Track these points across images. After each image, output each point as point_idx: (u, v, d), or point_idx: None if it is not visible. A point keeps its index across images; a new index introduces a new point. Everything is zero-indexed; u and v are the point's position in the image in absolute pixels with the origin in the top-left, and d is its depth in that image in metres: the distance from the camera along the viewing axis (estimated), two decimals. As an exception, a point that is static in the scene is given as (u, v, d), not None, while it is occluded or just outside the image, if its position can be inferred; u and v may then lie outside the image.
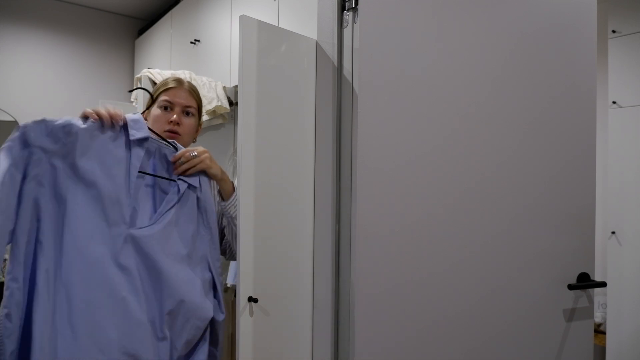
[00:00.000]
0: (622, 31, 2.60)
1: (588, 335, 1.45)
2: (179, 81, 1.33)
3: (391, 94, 1.17)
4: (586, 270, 1.41)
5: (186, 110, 1.30)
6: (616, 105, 2.63)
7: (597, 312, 2.66)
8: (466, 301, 1.26)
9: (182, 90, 1.30)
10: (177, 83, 1.31)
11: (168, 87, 1.30)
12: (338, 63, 1.22)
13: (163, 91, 1.30)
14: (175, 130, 1.27)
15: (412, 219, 1.19)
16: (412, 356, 1.19)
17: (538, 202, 1.37)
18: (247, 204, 1.13)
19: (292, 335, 1.24)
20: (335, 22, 1.21)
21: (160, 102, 1.29)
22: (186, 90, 1.31)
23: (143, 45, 3.61)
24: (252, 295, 1.13)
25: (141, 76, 2.08)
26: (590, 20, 1.45)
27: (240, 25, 1.13)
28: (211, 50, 2.56)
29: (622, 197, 2.58)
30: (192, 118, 1.32)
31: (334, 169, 1.22)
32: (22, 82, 3.31)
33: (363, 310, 1.13)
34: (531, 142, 1.36)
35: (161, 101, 1.29)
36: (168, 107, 1.28)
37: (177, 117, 1.27)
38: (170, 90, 1.30)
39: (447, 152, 1.24)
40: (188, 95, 1.31)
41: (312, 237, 1.27)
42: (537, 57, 1.37)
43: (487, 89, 1.30)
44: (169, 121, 1.27)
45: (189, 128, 1.31)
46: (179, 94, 1.30)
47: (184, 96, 1.30)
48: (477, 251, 1.28)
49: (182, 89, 1.31)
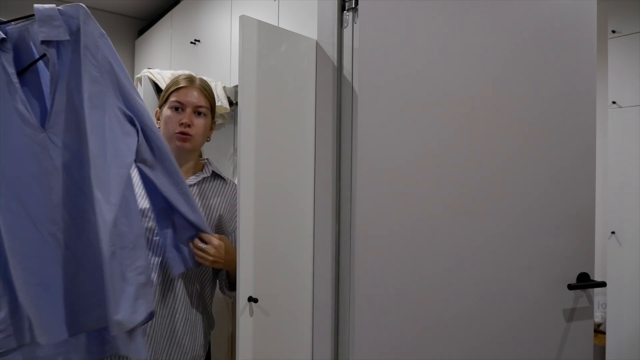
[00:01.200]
0: (622, 31, 2.60)
1: (588, 335, 1.45)
2: (190, 80, 1.29)
3: (391, 94, 1.17)
4: (586, 270, 1.42)
5: (198, 111, 1.27)
6: (616, 105, 2.63)
7: (597, 312, 2.66)
8: (466, 301, 1.26)
9: (193, 90, 1.27)
10: (188, 82, 1.28)
11: (179, 87, 1.27)
12: (338, 63, 1.22)
13: (174, 91, 1.27)
14: (187, 132, 1.24)
15: (412, 219, 1.19)
16: (412, 356, 1.19)
17: (538, 202, 1.37)
18: (247, 204, 1.13)
19: (292, 335, 1.25)
20: (335, 22, 1.21)
21: (171, 103, 1.26)
22: (197, 89, 1.28)
23: (143, 45, 3.61)
24: (252, 295, 1.13)
25: (141, 76, 2.08)
26: (590, 20, 1.45)
27: (240, 25, 1.13)
28: (211, 50, 2.56)
29: (622, 197, 2.58)
30: (205, 118, 1.28)
31: (334, 168, 1.22)
32: (22, 82, 3.30)
33: (363, 310, 1.13)
34: (531, 142, 1.36)
35: (172, 102, 1.26)
36: (179, 107, 1.25)
37: (188, 119, 1.24)
38: (181, 89, 1.26)
39: (447, 152, 1.24)
40: (199, 95, 1.27)
41: (312, 237, 1.27)
42: (536, 57, 1.37)
43: (487, 89, 1.30)
44: (180, 123, 1.24)
45: (201, 128, 1.27)
46: (190, 93, 1.26)
47: (195, 96, 1.27)
48: (477, 251, 1.28)
49: (193, 88, 1.27)
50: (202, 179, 1.31)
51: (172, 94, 1.27)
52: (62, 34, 0.98)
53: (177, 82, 1.28)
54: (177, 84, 1.28)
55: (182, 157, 1.28)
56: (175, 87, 1.27)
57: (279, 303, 1.21)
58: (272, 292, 1.19)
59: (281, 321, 1.22)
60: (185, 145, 1.25)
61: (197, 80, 1.30)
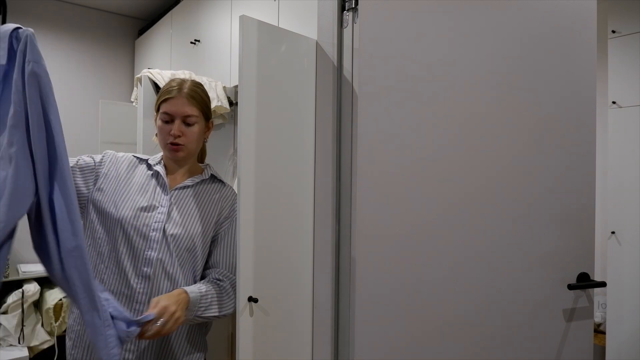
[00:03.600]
0: (622, 31, 2.60)
1: (588, 335, 1.45)
2: (179, 88, 1.27)
3: (391, 94, 1.17)
4: (586, 270, 1.42)
5: (187, 121, 1.26)
6: (616, 105, 2.63)
7: (597, 312, 2.66)
8: (466, 300, 1.26)
9: (180, 99, 1.26)
10: (176, 92, 1.26)
11: (166, 98, 1.26)
12: (338, 63, 1.22)
13: (163, 102, 1.27)
14: (177, 142, 1.25)
15: (412, 219, 1.19)
16: (412, 356, 1.19)
17: (538, 202, 1.37)
18: (247, 204, 1.13)
19: (292, 335, 1.25)
20: (335, 22, 1.21)
21: (161, 115, 1.27)
22: (184, 98, 1.26)
23: (143, 45, 3.61)
24: (252, 295, 1.13)
25: (141, 76, 2.08)
26: (590, 21, 1.46)
27: (240, 25, 1.13)
28: (211, 51, 2.56)
29: (622, 197, 2.58)
30: (196, 125, 1.28)
31: (334, 168, 1.22)
32: (22, 82, 3.31)
33: (363, 311, 1.13)
34: (531, 142, 1.36)
35: (161, 114, 1.27)
36: (168, 120, 1.26)
37: (176, 130, 1.24)
38: (169, 101, 1.26)
39: (446, 152, 1.24)
40: (188, 104, 1.26)
41: (312, 237, 1.27)
42: (536, 57, 1.37)
43: (487, 89, 1.30)
44: (170, 134, 1.25)
45: (191, 137, 1.27)
46: (177, 103, 1.25)
47: (183, 105, 1.25)
48: (477, 250, 1.28)
49: (180, 98, 1.26)
50: (200, 180, 1.31)
51: (161, 105, 1.28)
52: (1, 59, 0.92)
53: (166, 92, 1.28)
54: (167, 93, 1.27)
55: (176, 163, 1.30)
56: (164, 97, 1.27)
57: (279, 303, 1.21)
58: (272, 292, 1.19)
59: (281, 321, 1.22)
60: (177, 155, 1.27)
61: (186, 87, 1.28)
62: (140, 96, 2.09)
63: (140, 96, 2.09)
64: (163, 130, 1.27)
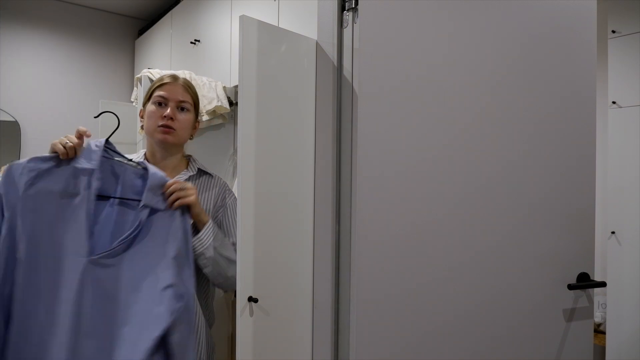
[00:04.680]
0: (622, 31, 2.60)
1: (588, 335, 1.45)
2: (173, 77, 1.32)
3: (391, 94, 1.17)
4: (586, 270, 1.42)
5: (181, 106, 1.28)
6: (616, 105, 2.63)
7: (597, 312, 2.66)
8: (466, 301, 1.26)
9: (176, 86, 1.29)
10: (171, 79, 1.30)
11: (162, 83, 1.29)
12: (338, 63, 1.22)
13: (157, 87, 1.29)
14: (169, 125, 1.25)
15: (412, 219, 1.19)
16: (412, 356, 1.19)
17: (538, 203, 1.37)
18: (247, 203, 1.13)
19: (292, 335, 1.24)
20: (335, 22, 1.21)
21: (155, 98, 1.28)
22: (181, 85, 1.30)
23: (143, 45, 3.61)
24: (252, 295, 1.13)
25: (141, 76, 2.08)
26: (590, 21, 1.46)
27: (240, 25, 1.13)
28: (211, 50, 2.56)
29: (622, 197, 2.58)
30: (188, 113, 1.30)
31: (334, 168, 1.22)
32: (22, 82, 3.31)
33: (363, 311, 1.13)
34: (531, 142, 1.36)
35: (155, 97, 1.28)
36: (162, 102, 1.27)
37: (171, 112, 1.26)
38: (164, 85, 1.28)
39: (447, 152, 1.24)
40: (183, 91, 1.29)
41: (312, 237, 1.27)
42: (536, 57, 1.37)
43: (487, 89, 1.30)
44: (162, 116, 1.25)
45: (184, 123, 1.28)
46: (173, 89, 1.28)
47: (178, 91, 1.28)
48: (478, 251, 1.28)
49: (176, 85, 1.29)
50: (188, 177, 1.31)
51: (156, 90, 1.29)
52: (159, 204, 1.11)
53: (161, 79, 1.31)
54: (161, 80, 1.31)
55: (164, 151, 1.29)
56: (159, 83, 1.30)
57: (279, 303, 1.21)
58: (272, 292, 1.19)
59: (281, 321, 1.22)
60: (167, 137, 1.26)
61: (180, 78, 1.32)
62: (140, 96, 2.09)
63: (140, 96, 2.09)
64: (154, 114, 1.27)
